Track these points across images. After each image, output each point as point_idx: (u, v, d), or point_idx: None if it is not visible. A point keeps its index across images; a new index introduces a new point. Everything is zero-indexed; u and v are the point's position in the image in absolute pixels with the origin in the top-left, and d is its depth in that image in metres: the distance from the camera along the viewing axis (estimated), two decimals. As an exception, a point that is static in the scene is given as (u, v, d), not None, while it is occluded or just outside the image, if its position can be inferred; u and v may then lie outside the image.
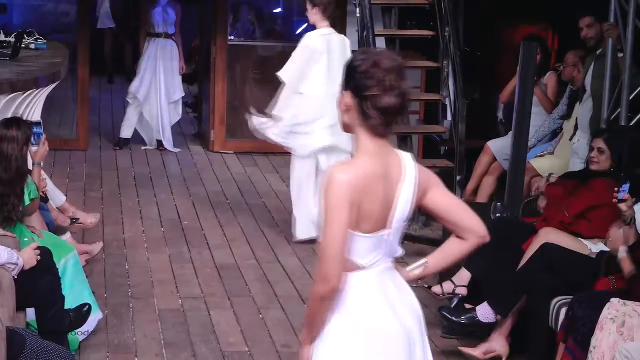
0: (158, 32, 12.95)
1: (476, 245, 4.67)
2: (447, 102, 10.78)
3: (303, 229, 9.77)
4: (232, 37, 13.39)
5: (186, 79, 14.64)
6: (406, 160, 4.51)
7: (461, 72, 10.35)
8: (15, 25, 14.74)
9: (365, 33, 10.50)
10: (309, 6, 9.67)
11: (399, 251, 4.70)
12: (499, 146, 9.93)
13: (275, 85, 9.80)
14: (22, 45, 10.93)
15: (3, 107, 8.56)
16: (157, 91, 12.84)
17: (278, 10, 16.23)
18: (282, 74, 9.56)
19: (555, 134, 9.84)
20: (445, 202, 4.65)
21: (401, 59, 4.42)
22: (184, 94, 13.46)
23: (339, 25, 12.84)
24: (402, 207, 4.48)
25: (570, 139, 9.18)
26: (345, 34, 12.60)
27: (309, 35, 9.73)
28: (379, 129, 4.37)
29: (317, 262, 4.40)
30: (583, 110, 8.98)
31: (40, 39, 11.41)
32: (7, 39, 11.18)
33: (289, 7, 14.81)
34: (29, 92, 9.02)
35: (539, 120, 9.70)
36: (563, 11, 10.79)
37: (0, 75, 9.43)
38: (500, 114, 10.73)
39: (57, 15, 17.90)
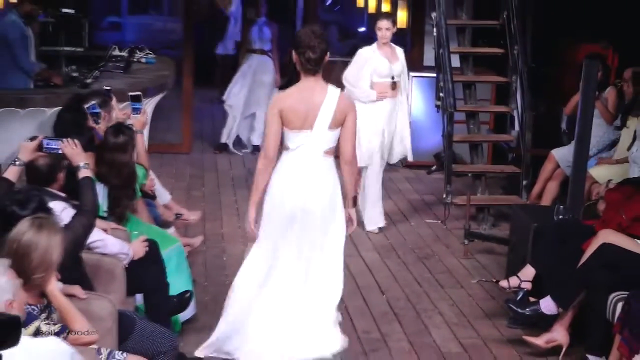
0: (255, 49, 13.02)
1: (343, 168, 6.59)
2: (515, 114, 10.69)
3: (370, 221, 9.82)
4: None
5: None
6: (331, 92, 6.46)
7: (528, 87, 10.29)
8: (128, 41, 14.88)
9: (441, 50, 10.46)
10: (391, 25, 9.69)
11: (327, 146, 6.50)
12: (562, 154, 9.85)
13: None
14: (134, 60, 11.06)
15: (119, 111, 8.64)
16: (253, 101, 12.89)
17: (363, 29, 16.26)
18: None
19: (614, 143, 9.77)
20: (346, 128, 6.48)
21: (323, 32, 6.69)
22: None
23: (417, 44, 12.87)
24: (322, 119, 6.40)
25: (628, 148, 9.09)
26: (423, 51, 12.66)
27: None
28: (307, 70, 6.41)
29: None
30: (641, 123, 8.91)
31: (150, 54, 11.51)
32: (121, 53, 11.30)
33: (372, 27, 14.80)
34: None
35: (599, 131, 9.62)
36: (623, 31, 10.66)
37: (115, 86, 9.53)
38: (563, 125, 10.64)
39: (165, 32, 18.07)
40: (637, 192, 7.28)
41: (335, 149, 6.59)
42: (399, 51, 9.91)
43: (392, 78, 9.72)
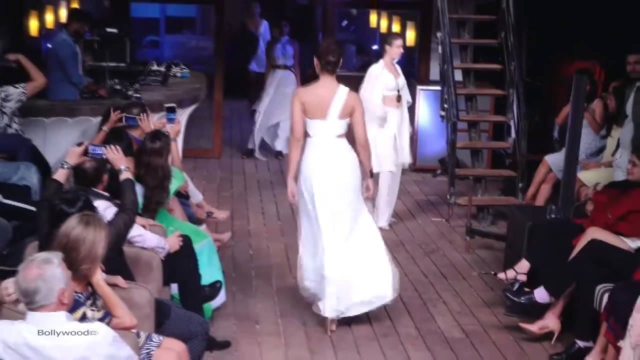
0: (278, 64, 13.02)
1: (359, 149, 7.28)
2: (511, 123, 10.66)
3: (382, 219, 9.85)
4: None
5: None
6: (341, 89, 7.17)
7: (523, 99, 10.27)
8: (165, 57, 14.94)
9: (445, 66, 10.44)
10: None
11: (339, 131, 7.20)
12: (555, 160, 9.80)
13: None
14: (171, 74, 11.08)
15: (156, 120, 8.67)
16: (277, 111, 12.89)
17: (375, 47, 16.24)
18: None
19: (601, 150, 9.74)
20: (355, 118, 7.18)
21: (340, 43, 7.76)
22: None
23: (424, 60, 12.86)
24: (333, 111, 7.14)
25: (613, 154, 9.07)
26: (429, 67, 12.64)
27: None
28: (327, 71, 7.16)
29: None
30: (625, 131, 8.84)
31: (185, 68, 11.53)
32: (159, 68, 11.32)
33: (383, 45, 14.79)
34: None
35: (587, 139, 9.58)
36: (608, 49, 10.63)
37: (153, 97, 9.58)
38: (555, 134, 10.59)
39: (198, 49, 18.11)
40: (621, 194, 7.27)
41: (346, 134, 7.28)
42: (398, 67, 9.92)
43: (398, 91, 9.73)
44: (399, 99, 9.73)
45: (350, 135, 7.31)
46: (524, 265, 7.38)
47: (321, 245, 7.17)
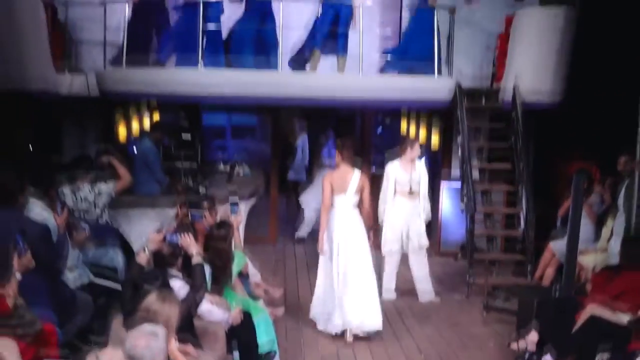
0: (324, 164, 13.11)
1: (364, 213, 8.59)
2: (521, 214, 10.61)
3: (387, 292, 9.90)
4: (373, 169, 13.50)
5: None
6: (356, 172, 8.53)
7: (531, 193, 10.24)
8: (231, 158, 15.10)
9: (464, 166, 10.47)
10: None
11: (354, 202, 8.54)
12: (558, 246, 9.71)
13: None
14: (235, 173, 11.21)
15: (222, 211, 8.76)
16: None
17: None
18: None
19: (597, 238, 9.65)
20: (364, 193, 8.52)
21: (354, 142, 9.39)
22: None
23: (446, 160, 12.86)
24: (351, 188, 8.45)
25: (608, 241, 8.98)
26: (451, 166, 12.63)
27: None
28: (346, 159, 8.45)
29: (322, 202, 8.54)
30: (618, 222, 8.79)
31: (247, 168, 11.67)
32: (225, 168, 11.47)
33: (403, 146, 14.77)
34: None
35: (586, 228, 9.51)
36: (602, 151, 10.60)
37: (220, 192, 9.69)
38: (558, 223, 10.52)
39: (258, 152, 18.28)
40: (616, 276, 7.21)
41: (358, 204, 8.58)
42: (419, 164, 9.85)
43: (410, 187, 9.69)
44: (410, 191, 9.69)
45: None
46: (533, 336, 7.29)
47: (335, 278, 8.45)
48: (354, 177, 8.50)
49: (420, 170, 9.81)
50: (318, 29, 11.40)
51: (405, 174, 9.68)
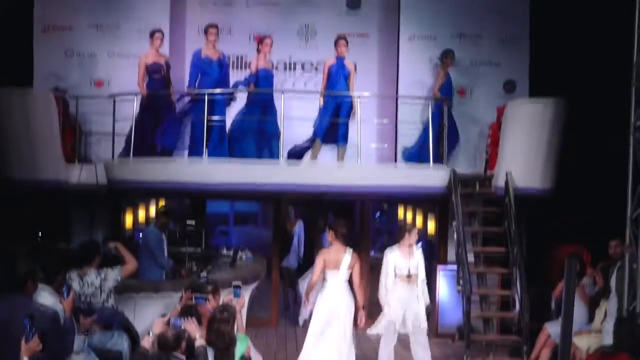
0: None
1: (356, 290, 8.97)
2: (516, 297, 10.56)
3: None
4: (372, 253, 13.48)
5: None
6: (348, 251, 8.96)
7: (525, 276, 10.21)
8: (233, 244, 15.11)
9: (460, 250, 10.47)
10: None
11: (346, 278, 8.94)
12: (553, 328, 9.66)
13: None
14: (237, 257, 11.20)
15: (225, 295, 8.72)
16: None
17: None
18: None
19: (591, 319, 9.58)
20: (355, 271, 8.97)
21: (346, 223, 9.34)
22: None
23: (442, 245, 12.85)
24: (344, 264, 8.91)
25: (601, 323, 8.93)
26: (447, 250, 12.61)
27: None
28: (339, 239, 8.89)
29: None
30: (610, 303, 8.75)
31: (249, 253, 11.66)
32: (228, 253, 11.48)
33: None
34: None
35: (580, 310, 9.46)
36: (592, 236, 10.62)
37: (223, 277, 9.66)
38: (553, 305, 10.46)
39: (259, 238, 18.29)
40: (609, 357, 7.14)
41: (349, 280, 8.95)
42: (417, 249, 9.73)
43: (408, 271, 9.63)
44: (409, 275, 9.60)
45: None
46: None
47: (322, 340, 8.93)
48: (347, 255, 8.97)
49: (417, 255, 9.77)
50: (320, 119, 11.57)
51: (404, 259, 9.60)
